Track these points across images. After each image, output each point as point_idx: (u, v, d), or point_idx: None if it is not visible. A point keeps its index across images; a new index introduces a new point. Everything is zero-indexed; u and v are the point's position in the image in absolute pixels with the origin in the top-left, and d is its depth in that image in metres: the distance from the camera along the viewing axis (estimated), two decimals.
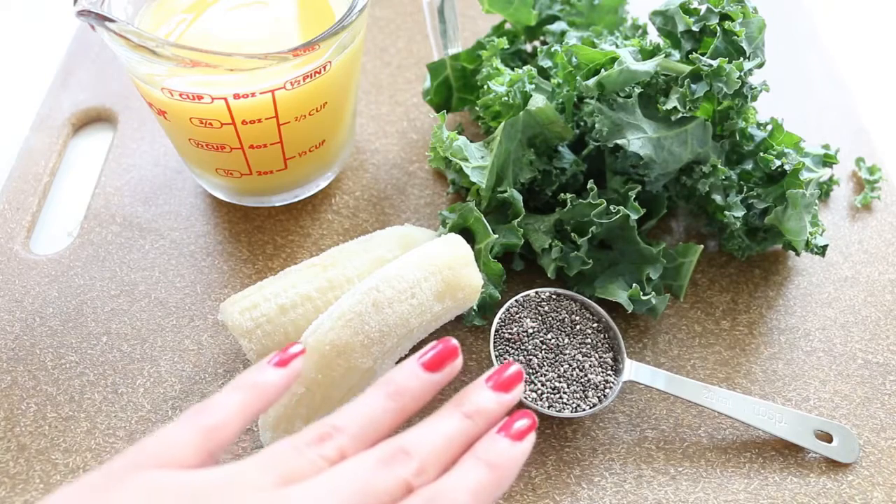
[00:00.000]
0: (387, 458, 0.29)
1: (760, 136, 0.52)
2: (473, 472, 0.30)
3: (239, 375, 0.33)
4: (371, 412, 0.31)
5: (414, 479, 0.29)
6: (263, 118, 0.47)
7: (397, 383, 0.32)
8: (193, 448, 0.29)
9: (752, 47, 0.46)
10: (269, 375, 0.33)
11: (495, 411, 0.33)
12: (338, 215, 0.57)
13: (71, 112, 0.63)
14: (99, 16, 0.41)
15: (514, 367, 0.34)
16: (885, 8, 0.78)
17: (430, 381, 0.33)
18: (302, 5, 0.51)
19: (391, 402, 0.32)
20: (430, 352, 0.33)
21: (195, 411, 0.31)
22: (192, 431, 0.30)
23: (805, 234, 0.49)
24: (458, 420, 0.32)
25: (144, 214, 0.56)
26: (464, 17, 0.71)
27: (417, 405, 0.32)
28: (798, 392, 0.48)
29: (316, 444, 0.30)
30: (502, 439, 0.31)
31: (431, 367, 0.33)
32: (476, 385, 0.33)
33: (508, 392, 0.33)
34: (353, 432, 0.31)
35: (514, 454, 0.31)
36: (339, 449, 0.30)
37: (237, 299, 0.44)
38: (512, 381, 0.34)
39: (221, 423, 0.30)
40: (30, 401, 0.47)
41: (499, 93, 0.52)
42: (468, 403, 0.32)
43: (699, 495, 0.43)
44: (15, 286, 0.52)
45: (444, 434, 0.31)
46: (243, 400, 0.31)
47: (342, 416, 0.31)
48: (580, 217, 0.49)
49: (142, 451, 0.29)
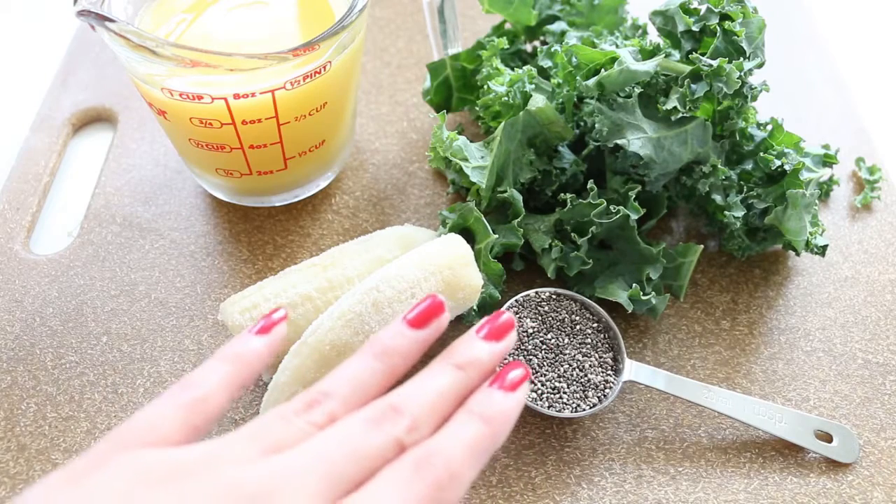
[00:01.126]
0: (376, 417, 0.28)
1: (760, 136, 0.52)
2: (468, 427, 0.29)
3: (222, 346, 0.31)
4: (359, 374, 0.30)
5: (406, 437, 0.28)
6: (263, 118, 0.47)
7: (384, 343, 0.31)
8: (178, 423, 0.29)
9: (752, 47, 0.47)
10: (252, 344, 0.32)
11: (487, 361, 0.32)
12: (338, 215, 0.57)
13: (71, 112, 0.63)
14: (99, 16, 0.41)
15: (505, 316, 0.33)
16: (885, 8, 0.79)
17: (417, 339, 0.32)
18: (302, 5, 0.51)
19: (379, 363, 0.31)
20: (415, 309, 0.32)
21: (178, 387, 0.30)
22: (175, 407, 0.29)
23: (805, 234, 0.49)
24: (450, 373, 0.31)
25: (144, 214, 0.56)
26: (464, 17, 0.71)
27: (406, 364, 0.31)
28: (798, 392, 0.48)
29: (304, 411, 0.29)
30: (496, 391, 0.30)
31: (417, 323, 0.32)
32: (466, 336, 0.32)
33: (500, 341, 0.32)
34: (342, 396, 0.30)
35: (508, 406, 0.30)
36: (327, 414, 0.29)
37: (237, 299, 0.44)
38: (503, 329, 0.32)
39: (205, 396, 0.29)
40: (30, 401, 0.47)
41: (499, 93, 0.52)
42: (458, 355, 0.31)
43: (699, 495, 0.44)
44: (15, 286, 0.52)
45: (435, 388, 0.30)
46: (227, 371, 0.31)
47: (330, 381, 0.30)
48: (580, 217, 0.49)
49: (125, 431, 0.28)
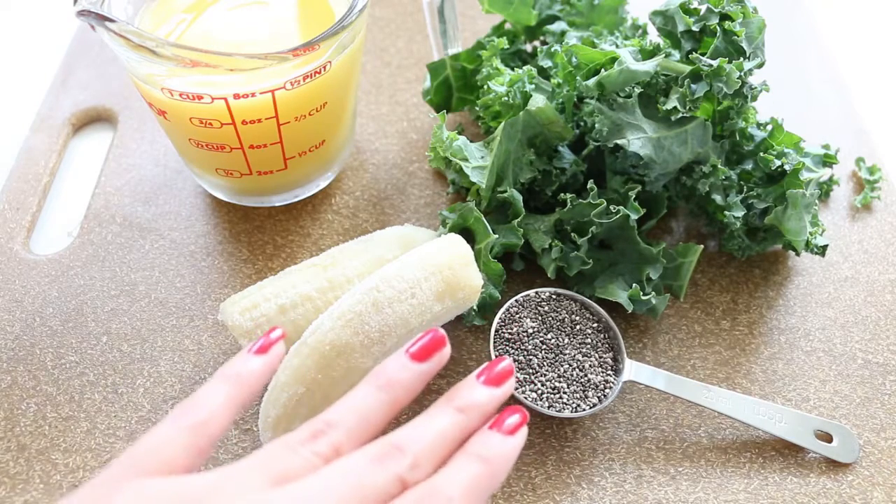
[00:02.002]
0: (380, 455, 0.29)
1: (760, 136, 0.52)
2: (466, 467, 0.30)
3: (221, 367, 0.33)
4: (363, 405, 0.31)
5: (408, 475, 0.29)
6: (263, 118, 0.47)
7: (388, 375, 0.32)
8: (183, 448, 0.29)
9: (752, 47, 0.46)
10: (251, 364, 0.33)
11: (487, 405, 0.33)
12: (338, 215, 0.57)
13: (71, 112, 0.63)
14: (99, 16, 0.41)
15: (504, 362, 0.34)
16: (885, 8, 0.79)
17: (420, 372, 0.33)
18: (302, 5, 0.51)
19: (383, 394, 0.32)
20: (417, 342, 0.33)
21: (181, 410, 0.30)
22: (179, 431, 0.30)
23: (805, 234, 0.49)
24: (451, 415, 0.32)
25: (144, 214, 0.56)
26: (464, 17, 0.71)
27: (409, 396, 0.32)
28: (798, 392, 0.48)
29: (309, 441, 0.30)
30: (494, 434, 0.31)
31: (420, 357, 0.33)
32: (467, 381, 0.33)
33: (499, 387, 0.33)
34: (347, 427, 0.30)
35: (506, 449, 0.31)
36: (332, 445, 0.30)
37: (237, 299, 0.44)
38: (502, 376, 0.34)
39: (208, 419, 0.30)
40: (30, 401, 0.47)
41: (499, 93, 0.52)
42: (459, 399, 0.32)
43: (699, 495, 0.43)
44: (15, 286, 0.52)
45: (436, 429, 0.31)
46: (228, 392, 0.31)
47: (334, 412, 0.31)
48: (580, 217, 0.49)
49: (132, 457, 0.29)
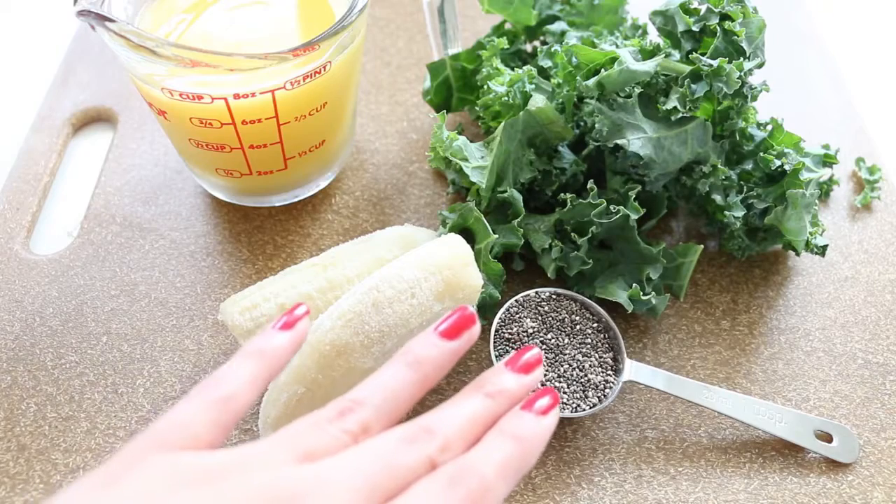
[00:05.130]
0: (410, 436, 0.29)
1: (760, 136, 0.52)
2: (499, 446, 0.29)
3: (246, 343, 0.32)
4: (392, 383, 0.31)
5: (438, 456, 0.28)
6: (263, 118, 0.47)
7: (416, 353, 0.32)
8: (208, 422, 0.29)
9: (752, 47, 0.46)
10: (277, 340, 0.32)
11: (517, 392, 0.32)
12: (338, 215, 0.57)
13: (71, 112, 0.63)
14: (99, 16, 0.41)
15: (533, 351, 0.34)
16: (885, 8, 0.78)
17: (449, 349, 0.32)
18: (302, 5, 0.51)
19: (411, 372, 0.31)
20: (447, 320, 0.33)
21: (206, 385, 0.30)
22: (205, 405, 0.29)
23: (805, 234, 0.49)
24: (480, 400, 0.31)
25: (144, 214, 0.56)
26: (464, 17, 0.71)
27: (438, 375, 0.32)
28: (798, 392, 0.48)
29: (337, 419, 0.29)
30: (527, 414, 0.31)
31: (449, 334, 0.32)
32: (496, 369, 0.33)
33: (529, 374, 0.33)
34: (375, 404, 0.30)
35: (539, 428, 0.31)
36: (360, 422, 0.29)
37: (237, 299, 0.44)
38: (531, 364, 0.33)
39: (233, 394, 0.30)
40: (30, 401, 0.47)
41: (499, 93, 0.52)
42: (489, 385, 0.32)
43: (699, 495, 0.43)
44: (15, 286, 0.52)
45: (466, 413, 0.30)
46: (253, 367, 0.31)
47: (362, 390, 0.30)
48: (580, 217, 0.49)
49: (157, 431, 0.28)
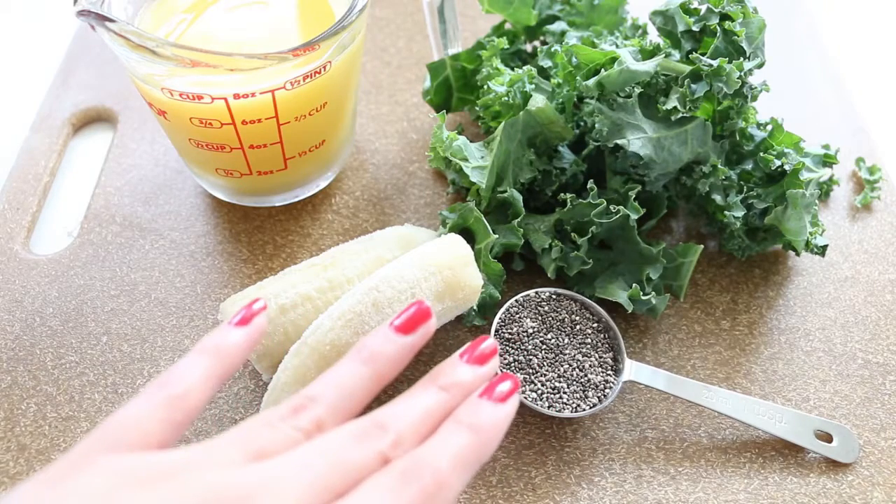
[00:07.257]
0: (361, 432, 0.28)
1: (760, 136, 0.52)
2: (454, 436, 0.28)
3: (201, 339, 0.31)
4: (346, 379, 0.30)
5: (390, 452, 0.28)
6: (263, 118, 0.47)
7: (371, 348, 0.31)
8: (158, 422, 0.28)
9: (752, 47, 0.46)
10: (232, 336, 0.31)
11: (472, 384, 0.31)
12: (338, 215, 0.57)
13: (71, 112, 0.63)
14: (99, 16, 0.41)
15: (488, 341, 0.33)
16: (885, 8, 0.79)
17: (404, 344, 0.31)
18: (302, 5, 0.51)
19: (366, 368, 0.30)
20: (402, 315, 0.32)
21: (158, 382, 0.29)
22: (155, 404, 0.28)
23: (805, 234, 0.49)
24: (434, 393, 0.30)
25: (144, 214, 0.56)
26: (464, 17, 0.71)
27: (394, 370, 0.31)
28: (798, 392, 0.48)
29: (290, 416, 0.28)
30: (485, 402, 0.30)
31: (405, 329, 0.32)
32: (450, 360, 0.32)
33: (483, 365, 0.32)
34: (329, 401, 0.29)
35: (497, 417, 0.30)
36: (314, 420, 0.29)
37: (237, 299, 0.44)
38: (486, 355, 0.32)
39: (185, 392, 0.29)
40: (30, 401, 0.47)
41: (499, 93, 0.52)
42: (443, 377, 0.31)
43: (699, 495, 0.44)
44: (15, 286, 0.52)
45: (420, 407, 0.30)
46: (206, 365, 0.30)
47: (316, 387, 0.30)
48: (580, 217, 0.49)
49: (106, 431, 0.27)
